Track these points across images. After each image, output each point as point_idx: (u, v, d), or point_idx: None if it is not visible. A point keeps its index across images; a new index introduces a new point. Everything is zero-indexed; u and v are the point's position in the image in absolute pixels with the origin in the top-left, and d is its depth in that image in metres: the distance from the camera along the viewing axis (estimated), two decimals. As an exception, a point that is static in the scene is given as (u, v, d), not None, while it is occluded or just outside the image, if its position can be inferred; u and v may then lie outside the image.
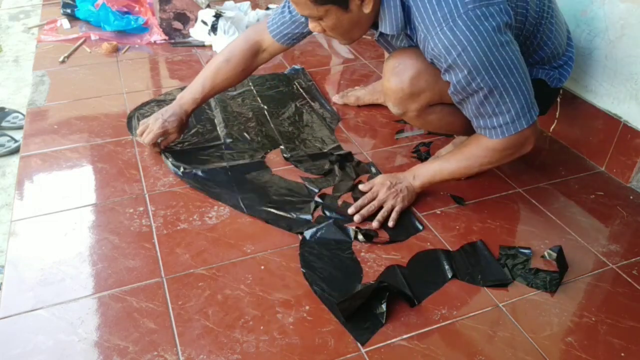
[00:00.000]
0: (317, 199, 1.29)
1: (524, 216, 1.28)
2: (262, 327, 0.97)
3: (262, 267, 1.10)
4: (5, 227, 1.45)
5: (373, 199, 1.24)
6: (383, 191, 1.24)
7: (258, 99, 1.76)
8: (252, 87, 1.83)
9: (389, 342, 0.95)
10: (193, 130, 1.55)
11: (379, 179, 1.28)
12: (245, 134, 1.55)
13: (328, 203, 1.28)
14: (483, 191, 1.36)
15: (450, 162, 1.22)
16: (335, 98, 1.73)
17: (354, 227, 1.20)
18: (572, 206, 1.34)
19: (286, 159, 1.45)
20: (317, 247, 1.16)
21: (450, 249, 1.17)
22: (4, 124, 1.89)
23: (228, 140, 1.51)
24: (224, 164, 1.41)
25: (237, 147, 1.49)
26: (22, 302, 1.00)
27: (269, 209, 1.26)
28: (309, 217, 1.24)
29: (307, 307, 1.01)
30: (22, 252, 1.11)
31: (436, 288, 1.07)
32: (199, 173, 1.36)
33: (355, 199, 1.29)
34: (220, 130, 1.56)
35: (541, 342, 0.97)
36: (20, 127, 1.83)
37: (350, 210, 1.23)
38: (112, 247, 1.13)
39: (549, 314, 1.03)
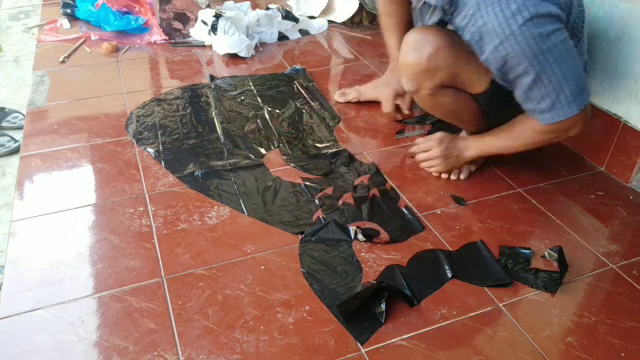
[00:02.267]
0: (317, 199, 1.29)
1: (524, 216, 1.28)
2: (262, 327, 0.97)
3: (262, 267, 1.10)
4: (5, 227, 1.45)
5: (427, 150, 1.37)
6: (437, 150, 1.35)
7: (258, 98, 1.76)
8: (253, 87, 1.83)
9: (389, 342, 0.95)
10: (193, 131, 1.56)
11: (438, 135, 1.36)
12: (245, 134, 1.55)
13: (328, 204, 1.29)
14: (483, 191, 1.36)
15: (500, 138, 1.27)
16: (337, 95, 1.73)
17: (354, 227, 1.20)
18: (572, 206, 1.34)
19: (285, 159, 1.45)
20: (317, 246, 1.16)
21: (450, 249, 1.17)
22: (4, 124, 1.89)
23: (228, 141, 1.51)
24: (224, 164, 1.41)
25: (236, 148, 1.49)
26: (22, 302, 1.00)
27: (270, 210, 1.26)
28: (309, 217, 1.24)
29: (307, 307, 1.01)
30: (22, 252, 1.11)
31: (436, 288, 1.07)
32: (199, 174, 1.36)
33: (355, 199, 1.30)
34: (220, 130, 1.56)
35: (541, 342, 0.97)
36: (20, 127, 1.83)
37: (414, 149, 1.41)
38: (112, 247, 1.13)
39: (549, 314, 1.03)
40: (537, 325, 1.00)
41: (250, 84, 1.85)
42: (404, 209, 1.28)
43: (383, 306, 0.99)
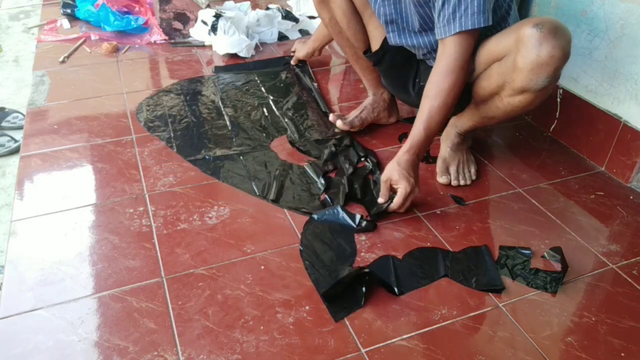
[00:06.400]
0: (322, 181, 1.35)
1: (524, 216, 1.28)
2: (262, 327, 0.97)
3: (262, 267, 1.10)
4: (5, 227, 1.45)
5: (405, 199, 1.21)
6: (403, 185, 1.20)
7: (262, 88, 1.83)
8: (257, 78, 1.90)
9: (389, 342, 0.95)
10: (201, 119, 1.62)
11: (399, 185, 1.21)
12: (252, 122, 1.62)
13: (332, 185, 1.35)
14: (483, 191, 1.36)
15: (423, 113, 1.21)
16: (339, 124, 1.55)
17: (359, 214, 1.23)
18: (572, 206, 1.34)
19: (292, 144, 1.51)
20: (321, 227, 1.20)
21: (450, 249, 1.17)
22: (4, 124, 1.89)
23: (235, 128, 1.58)
24: (233, 150, 1.47)
25: (244, 134, 1.55)
26: (22, 302, 1.00)
27: (279, 192, 1.31)
28: (316, 199, 1.30)
29: (307, 307, 1.01)
30: (22, 252, 1.11)
31: (424, 283, 1.08)
32: (210, 158, 1.44)
33: (353, 180, 1.36)
34: (227, 118, 1.62)
35: (541, 342, 0.97)
36: (20, 127, 1.83)
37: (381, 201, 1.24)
38: (112, 247, 1.13)
39: (549, 314, 1.03)
40: (537, 325, 1.00)
41: (255, 75, 1.91)
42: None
43: (363, 290, 1.03)
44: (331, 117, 1.56)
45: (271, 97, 1.76)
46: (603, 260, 1.17)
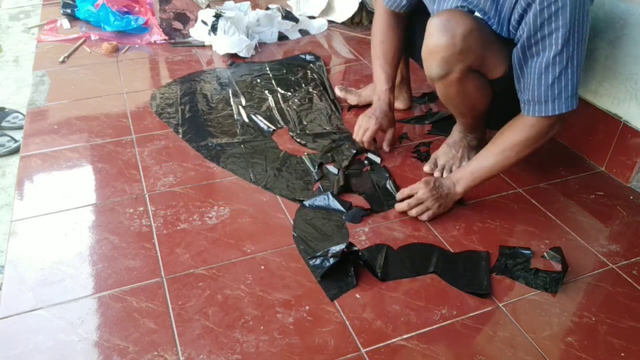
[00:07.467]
0: (318, 171, 1.39)
1: (524, 216, 1.28)
2: (262, 327, 0.97)
3: (262, 267, 1.10)
4: (5, 227, 1.45)
5: (412, 195, 1.25)
6: (425, 191, 1.24)
7: (273, 82, 1.87)
8: (269, 71, 1.94)
9: (389, 342, 0.95)
10: (210, 109, 1.67)
11: (423, 181, 1.27)
12: (258, 113, 1.66)
13: (328, 176, 1.39)
14: (483, 191, 1.36)
15: (486, 158, 1.23)
16: (337, 89, 1.76)
17: (349, 202, 1.28)
18: (572, 206, 1.34)
19: (293, 136, 1.55)
20: (313, 213, 1.24)
21: (451, 249, 1.17)
22: (4, 124, 1.89)
23: (241, 118, 1.63)
24: (237, 138, 1.53)
25: (249, 125, 1.60)
26: (22, 302, 1.00)
27: (274, 180, 1.36)
28: (310, 187, 1.34)
29: (307, 307, 1.01)
30: (22, 252, 1.11)
31: (411, 275, 1.09)
32: (213, 145, 1.49)
33: (350, 173, 1.39)
34: (235, 109, 1.68)
35: (541, 342, 0.97)
36: (20, 127, 1.83)
37: (398, 196, 1.28)
38: (112, 247, 1.13)
39: (549, 314, 1.03)
40: (537, 325, 1.00)
41: (267, 68, 1.96)
42: (388, 186, 1.35)
43: (352, 269, 1.07)
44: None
45: (280, 91, 1.81)
46: (603, 260, 1.17)
